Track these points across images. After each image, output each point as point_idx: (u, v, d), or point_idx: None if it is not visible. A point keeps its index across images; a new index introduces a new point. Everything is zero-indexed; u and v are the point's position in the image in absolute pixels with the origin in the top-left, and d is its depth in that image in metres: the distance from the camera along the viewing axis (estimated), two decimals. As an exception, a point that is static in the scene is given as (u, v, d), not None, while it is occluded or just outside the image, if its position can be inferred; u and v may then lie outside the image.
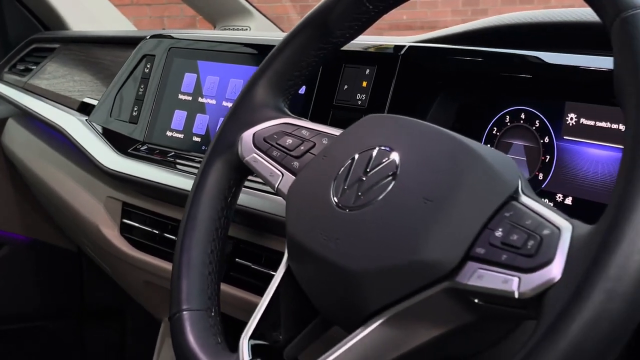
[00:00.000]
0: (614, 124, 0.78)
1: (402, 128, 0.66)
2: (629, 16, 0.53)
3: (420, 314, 0.58)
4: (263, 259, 1.02)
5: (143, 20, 5.04)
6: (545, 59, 0.83)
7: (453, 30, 0.95)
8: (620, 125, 0.78)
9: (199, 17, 5.54)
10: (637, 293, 0.46)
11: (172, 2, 5.13)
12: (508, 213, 0.56)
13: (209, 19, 2.05)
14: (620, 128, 0.78)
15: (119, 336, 2.01)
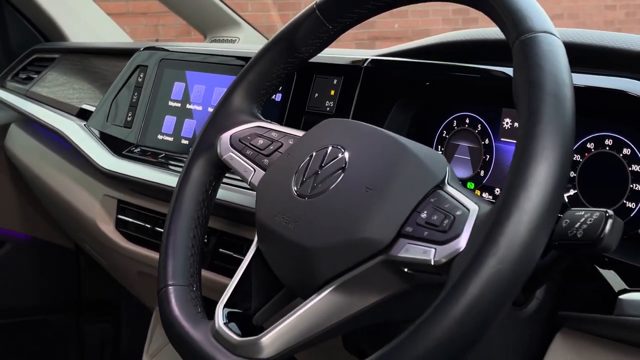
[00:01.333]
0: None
1: (351, 130, 0.79)
2: (526, 39, 0.66)
3: (363, 282, 0.71)
4: (243, 248, 1.14)
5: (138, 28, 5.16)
6: (485, 71, 0.95)
7: (410, 46, 1.08)
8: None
9: (193, 25, 5.56)
10: (522, 258, 0.58)
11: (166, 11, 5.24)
12: (433, 199, 0.69)
13: (200, 30, 2.17)
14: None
15: (114, 328, 2.12)
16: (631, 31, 6.40)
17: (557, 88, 0.63)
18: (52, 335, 2.11)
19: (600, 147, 0.86)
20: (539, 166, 0.60)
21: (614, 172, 0.84)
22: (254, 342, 0.72)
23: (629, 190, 0.83)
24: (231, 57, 1.28)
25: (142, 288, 1.46)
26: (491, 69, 0.95)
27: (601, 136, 0.86)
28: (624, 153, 0.84)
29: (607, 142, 0.85)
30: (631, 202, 0.82)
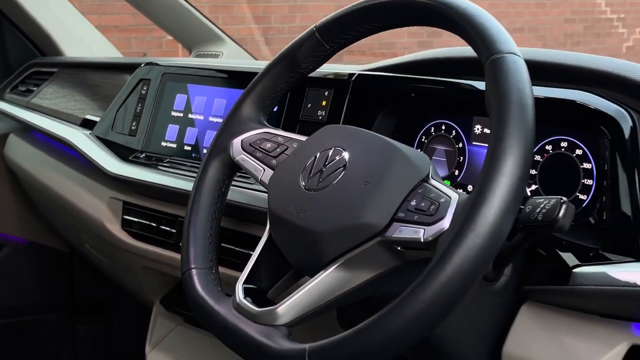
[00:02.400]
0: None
1: (350, 134, 0.94)
2: (496, 59, 0.82)
3: (362, 260, 0.85)
4: (243, 243, 1.28)
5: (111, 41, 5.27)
6: (457, 84, 1.11)
7: (393, 62, 1.23)
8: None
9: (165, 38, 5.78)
10: (494, 233, 0.73)
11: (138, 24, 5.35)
12: (420, 190, 0.84)
13: (186, 45, 2.29)
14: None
15: (105, 327, 2.24)
16: (589, 44, 6.61)
17: (521, 98, 0.78)
18: (47, 334, 2.21)
19: (557, 148, 1.02)
20: (507, 161, 0.75)
21: (568, 169, 1.00)
22: (272, 312, 0.86)
23: (580, 184, 0.99)
24: (229, 71, 1.42)
25: (145, 282, 1.59)
26: (462, 82, 1.10)
27: (558, 139, 1.02)
28: (576, 153, 1.00)
29: (562, 144, 1.01)
30: (583, 195, 0.98)
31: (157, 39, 5.39)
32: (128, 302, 2.14)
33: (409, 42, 7.41)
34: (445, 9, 0.89)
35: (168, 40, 5.30)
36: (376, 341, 0.75)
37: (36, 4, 2.09)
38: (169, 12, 2.18)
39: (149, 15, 2.22)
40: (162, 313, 1.63)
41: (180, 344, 1.57)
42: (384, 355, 0.76)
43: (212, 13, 6.14)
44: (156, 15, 2.21)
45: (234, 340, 0.88)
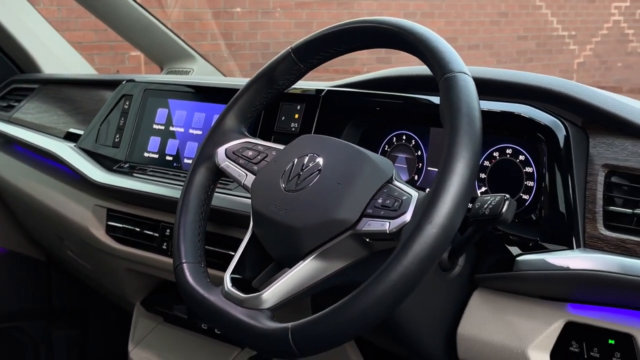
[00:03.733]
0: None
1: (324, 142, 1.07)
2: (449, 77, 0.96)
3: (336, 251, 0.98)
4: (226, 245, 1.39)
5: (75, 57, 5.34)
6: (415, 99, 1.25)
7: (359, 79, 1.36)
8: (463, 142, 1.20)
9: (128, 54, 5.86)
10: (448, 224, 0.87)
11: (101, 41, 5.42)
12: (385, 190, 0.98)
13: (157, 62, 2.40)
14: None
15: (82, 333, 2.33)
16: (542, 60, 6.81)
17: (470, 111, 0.92)
18: (25, 341, 2.29)
19: (503, 155, 1.16)
20: (458, 164, 0.89)
21: (513, 173, 1.15)
22: (257, 297, 0.99)
23: (523, 186, 1.13)
24: (207, 88, 1.55)
25: (127, 284, 1.70)
26: (419, 97, 1.24)
27: (504, 147, 1.16)
28: (520, 159, 1.14)
29: (508, 151, 1.16)
30: (525, 195, 1.13)
31: (120, 55, 5.47)
32: (104, 308, 2.24)
33: (368, 58, 7.58)
34: (405, 34, 1.03)
35: (131, 56, 5.40)
36: (349, 317, 0.89)
37: (14, 22, 2.19)
38: (141, 30, 2.28)
39: (121, 32, 2.33)
40: (143, 313, 1.74)
41: (161, 341, 1.68)
42: (356, 329, 0.89)
43: (175, 29, 6.25)
44: (128, 33, 2.32)
45: (224, 323, 1.00)
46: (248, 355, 1.55)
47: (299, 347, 0.92)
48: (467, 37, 8.34)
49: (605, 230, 0.99)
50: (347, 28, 1.11)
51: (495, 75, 1.17)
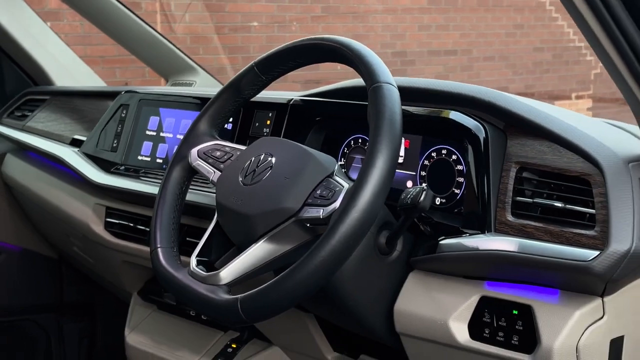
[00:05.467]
0: (408, 142, 1.38)
1: (278, 143, 1.25)
2: (375, 87, 1.13)
3: (283, 235, 1.15)
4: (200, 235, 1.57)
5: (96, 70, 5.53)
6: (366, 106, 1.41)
7: (322, 89, 1.53)
8: (408, 143, 1.37)
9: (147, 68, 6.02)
10: (369, 209, 1.04)
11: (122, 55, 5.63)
12: (324, 183, 1.15)
13: (162, 74, 2.59)
14: (408, 145, 1.37)
15: (90, 326, 2.52)
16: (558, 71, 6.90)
17: (392, 115, 1.09)
18: (38, 333, 2.49)
19: (440, 155, 1.33)
20: (379, 159, 1.06)
21: (447, 171, 1.31)
22: (216, 275, 1.16)
23: (455, 182, 1.30)
24: (194, 97, 1.73)
25: (124, 275, 1.88)
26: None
27: (440, 148, 1.33)
28: (452, 158, 1.31)
29: (443, 151, 1.32)
30: (457, 189, 1.29)
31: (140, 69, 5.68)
32: (111, 301, 2.42)
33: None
34: (345, 50, 1.20)
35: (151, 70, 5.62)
36: (288, 288, 1.06)
37: (30, 39, 2.39)
38: (147, 45, 2.47)
39: (128, 47, 2.52)
40: (139, 302, 1.92)
41: (154, 326, 1.86)
42: (293, 299, 1.06)
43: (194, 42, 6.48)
44: (135, 47, 2.50)
45: (188, 297, 1.18)
46: (230, 337, 1.72)
47: (247, 315, 1.09)
48: (482, 49, 8.45)
49: (511, 217, 1.16)
50: (300, 45, 1.28)
51: (431, 85, 1.33)
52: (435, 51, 8.22)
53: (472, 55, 8.55)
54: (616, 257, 1.03)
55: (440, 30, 8.21)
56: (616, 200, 1.05)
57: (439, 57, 8.31)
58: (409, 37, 7.99)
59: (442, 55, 8.32)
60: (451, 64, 8.39)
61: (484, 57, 8.53)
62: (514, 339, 1.13)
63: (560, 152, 1.15)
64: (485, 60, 8.56)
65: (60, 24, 5.42)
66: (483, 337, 1.16)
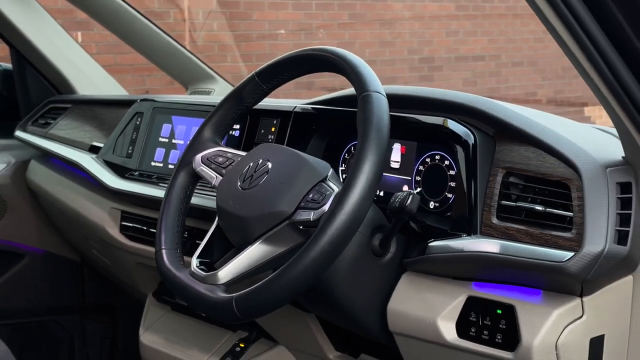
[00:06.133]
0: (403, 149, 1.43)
1: (275, 150, 1.31)
2: (365, 95, 1.18)
3: (277, 237, 1.21)
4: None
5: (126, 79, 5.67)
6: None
7: (325, 97, 1.59)
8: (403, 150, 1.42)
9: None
10: (354, 212, 1.09)
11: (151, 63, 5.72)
12: (317, 187, 1.20)
13: (182, 83, 2.67)
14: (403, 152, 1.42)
15: (111, 327, 2.60)
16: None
17: (379, 122, 1.15)
18: (61, 333, 2.57)
19: (433, 160, 1.38)
20: (365, 164, 1.11)
21: (440, 175, 1.36)
22: (214, 275, 1.22)
23: (448, 186, 1.34)
24: (203, 105, 1.80)
25: (139, 276, 1.95)
26: None
27: (433, 154, 1.38)
28: (445, 164, 1.35)
29: (437, 157, 1.37)
30: (450, 194, 1.34)
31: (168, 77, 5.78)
32: (130, 303, 2.50)
33: (410, 76, 7.77)
34: (338, 60, 1.26)
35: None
36: (279, 288, 1.11)
37: (53, 50, 2.48)
38: (166, 55, 2.55)
39: (149, 57, 2.60)
40: (154, 303, 1.99)
41: (167, 326, 1.93)
42: (284, 298, 1.12)
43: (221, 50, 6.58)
44: (155, 57, 2.58)
45: (188, 296, 1.24)
46: (238, 337, 1.78)
47: (241, 312, 1.15)
48: (511, 55, 8.44)
49: (496, 220, 1.20)
50: (298, 55, 1.34)
51: (425, 93, 1.38)
52: (463, 57, 8.24)
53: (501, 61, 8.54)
54: (589, 258, 1.07)
55: (468, 36, 8.23)
56: (592, 203, 1.09)
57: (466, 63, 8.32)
58: (437, 43, 8.01)
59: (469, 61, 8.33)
60: (479, 70, 8.39)
61: (513, 63, 8.52)
62: (498, 337, 1.17)
63: (544, 157, 1.20)
64: (514, 66, 8.54)
65: (90, 33, 5.55)
66: (469, 335, 1.21)
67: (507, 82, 8.64)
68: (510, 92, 8.60)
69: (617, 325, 1.18)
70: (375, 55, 7.49)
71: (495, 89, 8.45)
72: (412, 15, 7.89)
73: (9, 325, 2.45)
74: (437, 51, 8.01)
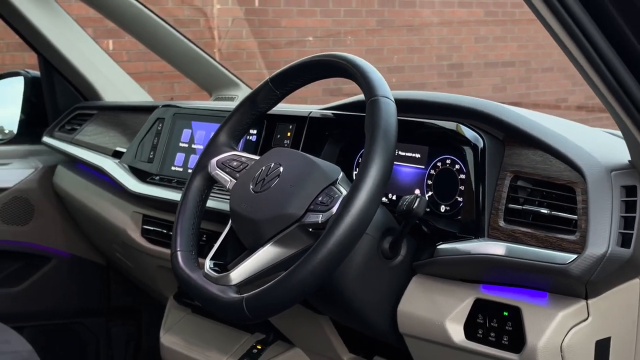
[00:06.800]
0: (415, 153, 1.45)
1: (286, 154, 1.34)
2: (373, 100, 1.20)
3: (288, 240, 1.24)
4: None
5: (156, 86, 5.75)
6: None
7: (339, 103, 1.61)
8: (414, 154, 1.44)
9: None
10: (361, 215, 1.11)
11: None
12: (326, 190, 1.23)
13: (206, 89, 2.71)
14: (414, 156, 1.44)
15: (136, 329, 2.65)
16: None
17: (386, 127, 1.17)
18: (87, 335, 2.62)
19: (444, 164, 1.39)
20: (372, 168, 1.13)
21: (451, 179, 1.38)
22: (226, 276, 1.25)
23: (459, 190, 1.36)
24: (222, 111, 1.83)
25: (160, 279, 1.99)
26: None
27: (445, 158, 1.39)
28: (456, 168, 1.37)
29: (447, 161, 1.39)
30: (460, 197, 1.35)
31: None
32: (155, 306, 2.54)
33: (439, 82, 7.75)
34: (348, 66, 1.28)
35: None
36: (288, 286, 1.14)
37: (80, 57, 2.53)
38: (191, 62, 2.59)
39: (173, 64, 2.64)
40: (175, 305, 2.02)
41: (187, 328, 1.96)
42: (292, 298, 1.15)
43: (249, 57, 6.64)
44: (180, 64, 2.63)
45: (201, 296, 1.27)
46: (256, 339, 1.81)
47: (251, 313, 1.18)
48: (540, 60, 8.39)
49: (503, 223, 1.21)
50: (310, 61, 1.37)
51: (437, 98, 1.40)
52: (492, 63, 8.21)
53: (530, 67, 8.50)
54: (592, 260, 1.08)
55: (497, 41, 8.20)
56: (595, 206, 1.10)
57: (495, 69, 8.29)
58: (466, 49, 8.00)
59: (499, 67, 8.30)
60: (508, 76, 8.36)
61: (543, 69, 8.47)
62: (504, 339, 1.19)
63: (551, 161, 1.21)
64: (544, 72, 8.49)
65: (121, 41, 5.64)
66: (477, 337, 1.22)
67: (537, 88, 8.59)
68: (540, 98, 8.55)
69: (623, 328, 1.19)
70: (403, 61, 7.50)
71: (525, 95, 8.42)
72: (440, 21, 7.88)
73: (35, 327, 2.50)
74: (466, 57, 8.00)
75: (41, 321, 2.53)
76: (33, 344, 1.97)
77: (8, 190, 2.44)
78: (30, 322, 2.50)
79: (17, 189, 2.46)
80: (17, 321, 2.32)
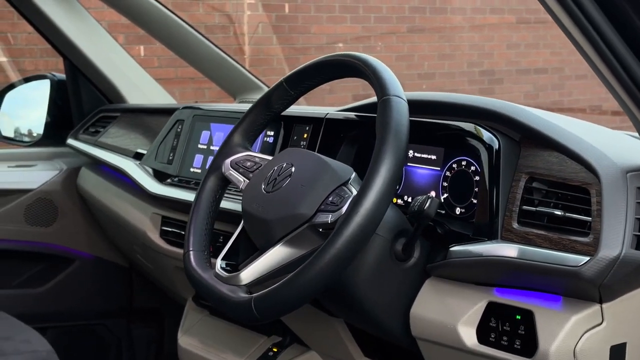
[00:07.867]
0: (430, 154, 1.43)
1: (298, 154, 1.33)
2: (385, 99, 1.19)
3: (298, 240, 1.23)
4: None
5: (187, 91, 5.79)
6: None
7: (354, 105, 1.60)
8: (429, 155, 1.42)
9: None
10: (370, 215, 1.10)
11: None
12: (337, 190, 1.22)
13: (230, 93, 2.72)
14: (430, 157, 1.42)
15: (157, 332, 2.66)
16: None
17: (397, 127, 1.15)
18: (109, 337, 2.63)
19: (460, 166, 1.37)
20: (382, 167, 1.12)
21: (467, 181, 1.35)
22: (237, 276, 1.24)
23: (474, 192, 1.34)
24: (240, 113, 1.83)
25: (178, 280, 1.99)
26: None
27: (460, 159, 1.37)
28: (472, 170, 1.35)
29: (463, 163, 1.37)
30: (475, 199, 1.33)
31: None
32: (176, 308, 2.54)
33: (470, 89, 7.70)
34: (361, 65, 1.27)
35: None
36: (296, 286, 1.13)
37: (104, 60, 2.55)
38: (216, 67, 2.60)
39: (200, 69, 2.65)
40: (193, 307, 2.02)
41: (205, 330, 1.96)
42: (300, 299, 1.14)
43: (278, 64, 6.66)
44: (205, 69, 2.64)
45: (211, 296, 1.27)
46: (272, 342, 1.80)
47: (259, 313, 1.17)
48: (574, 67, 8.30)
49: (517, 225, 1.19)
50: (323, 62, 1.36)
51: (450, 99, 1.38)
52: (525, 70, 8.14)
53: (564, 74, 8.41)
54: (605, 262, 1.05)
55: (529, 48, 8.13)
56: (609, 208, 1.08)
57: (528, 76, 8.22)
58: (497, 56, 7.94)
59: (531, 73, 8.23)
60: (541, 83, 8.29)
61: (576, 76, 8.38)
62: (517, 343, 1.16)
63: (566, 162, 1.18)
64: (578, 79, 8.40)
65: (153, 47, 5.69)
66: (489, 341, 1.20)
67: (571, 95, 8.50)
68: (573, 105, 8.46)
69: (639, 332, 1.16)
70: (434, 67, 7.47)
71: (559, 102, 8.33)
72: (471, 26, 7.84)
73: (57, 327, 2.52)
74: (497, 64, 7.94)
75: (63, 322, 2.55)
76: (55, 345, 1.98)
77: (32, 192, 2.47)
78: (53, 322, 2.52)
79: (41, 190, 2.48)
80: (40, 322, 2.34)
